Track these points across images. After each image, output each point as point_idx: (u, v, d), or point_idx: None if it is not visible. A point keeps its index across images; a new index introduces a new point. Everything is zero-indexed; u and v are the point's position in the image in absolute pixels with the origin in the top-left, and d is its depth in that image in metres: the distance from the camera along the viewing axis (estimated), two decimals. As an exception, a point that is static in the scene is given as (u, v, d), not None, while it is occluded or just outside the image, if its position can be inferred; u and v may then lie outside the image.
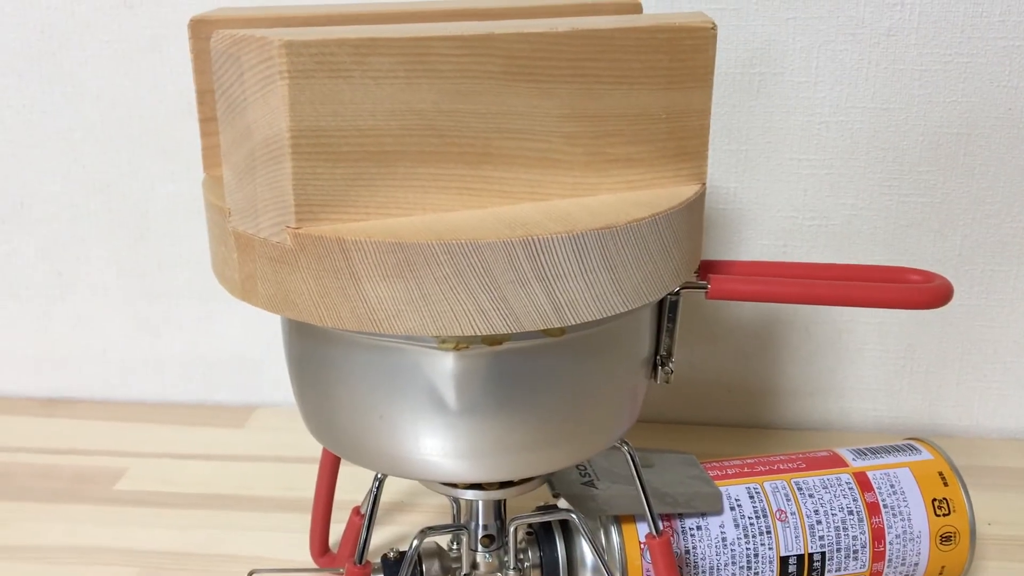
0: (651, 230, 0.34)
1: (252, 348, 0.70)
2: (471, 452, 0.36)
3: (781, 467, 0.48)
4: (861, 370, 0.67)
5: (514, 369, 0.35)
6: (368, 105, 0.32)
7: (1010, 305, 0.65)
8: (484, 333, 0.32)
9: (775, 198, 0.64)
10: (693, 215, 0.37)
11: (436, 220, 0.34)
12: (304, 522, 0.56)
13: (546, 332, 0.35)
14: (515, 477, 0.38)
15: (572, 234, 0.33)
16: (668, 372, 0.40)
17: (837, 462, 0.49)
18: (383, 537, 0.56)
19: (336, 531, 0.55)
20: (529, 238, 0.32)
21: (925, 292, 0.40)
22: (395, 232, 0.32)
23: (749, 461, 0.49)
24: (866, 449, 0.50)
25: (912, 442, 0.51)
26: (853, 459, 0.49)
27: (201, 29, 0.39)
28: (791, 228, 0.64)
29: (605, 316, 0.34)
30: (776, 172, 0.63)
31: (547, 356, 0.35)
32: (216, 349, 0.71)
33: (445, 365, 0.35)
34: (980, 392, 0.67)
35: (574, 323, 0.33)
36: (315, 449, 0.64)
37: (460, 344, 0.34)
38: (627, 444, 0.41)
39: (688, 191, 0.37)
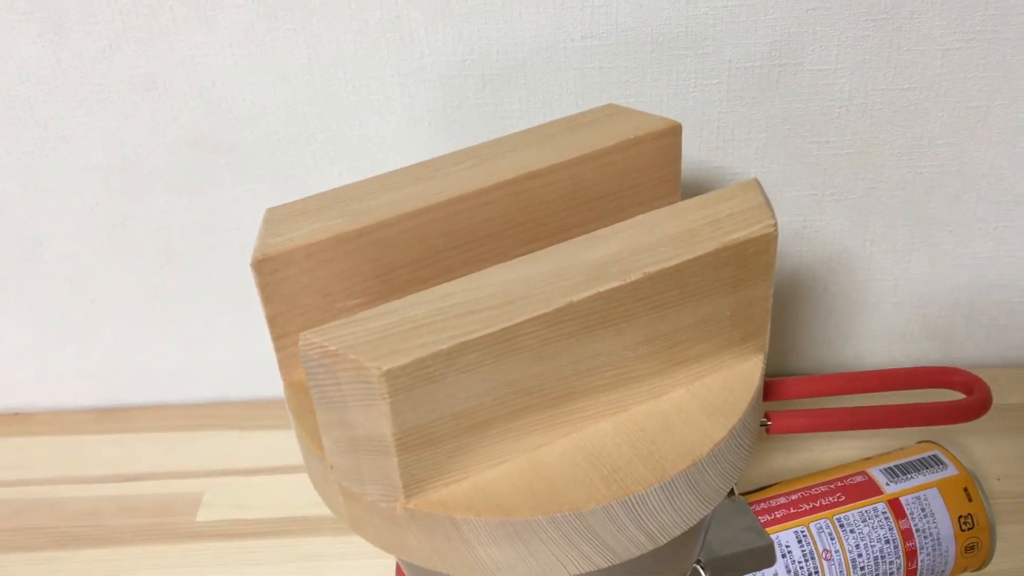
0: (729, 445, 0.37)
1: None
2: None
3: (823, 502, 0.53)
4: (876, 319, 0.71)
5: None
6: (461, 394, 0.34)
7: (1019, 253, 0.67)
8: (587, 571, 0.36)
9: (796, 177, 0.64)
10: (759, 395, 0.39)
11: (530, 468, 0.36)
12: (383, 549, 0.61)
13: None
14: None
15: (663, 482, 0.35)
16: (735, 497, 0.44)
17: (872, 489, 0.54)
18: None
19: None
20: (627, 498, 0.35)
21: (967, 409, 0.43)
22: (500, 502, 0.35)
23: (793, 498, 0.54)
24: (896, 467, 0.55)
25: (937, 453, 0.56)
26: (887, 483, 0.54)
27: (264, 267, 0.38)
28: (812, 204, 0.65)
29: (690, 526, 0.37)
30: (797, 155, 0.63)
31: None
32: (256, 351, 0.73)
33: (550, 584, 0.38)
34: (988, 328, 0.71)
35: (664, 543, 0.37)
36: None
37: (564, 574, 0.37)
38: (699, 562, 0.45)
39: (754, 371, 0.39)
